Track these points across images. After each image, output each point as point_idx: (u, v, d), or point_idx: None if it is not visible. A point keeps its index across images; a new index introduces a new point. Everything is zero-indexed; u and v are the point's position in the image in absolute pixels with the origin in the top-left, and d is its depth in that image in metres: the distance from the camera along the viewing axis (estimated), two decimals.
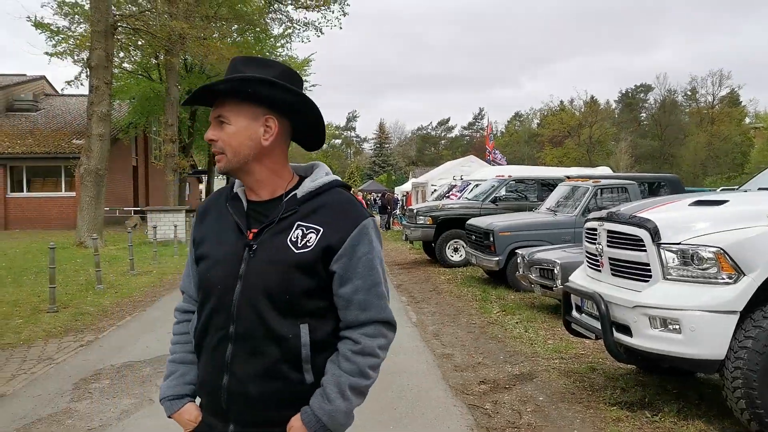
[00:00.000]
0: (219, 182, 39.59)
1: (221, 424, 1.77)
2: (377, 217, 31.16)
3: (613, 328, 4.80)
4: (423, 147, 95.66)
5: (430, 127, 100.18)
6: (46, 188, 27.59)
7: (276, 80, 1.73)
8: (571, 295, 5.65)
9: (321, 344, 1.74)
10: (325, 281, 1.73)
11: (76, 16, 24.73)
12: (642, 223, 4.69)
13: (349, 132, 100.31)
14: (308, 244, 1.70)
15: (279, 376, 1.70)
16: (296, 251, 1.70)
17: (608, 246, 5.12)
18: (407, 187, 37.98)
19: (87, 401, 5.32)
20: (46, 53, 25.18)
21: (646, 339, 4.46)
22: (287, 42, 30.73)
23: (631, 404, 5.07)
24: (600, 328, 4.91)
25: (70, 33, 24.86)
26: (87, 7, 23.71)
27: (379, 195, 34.83)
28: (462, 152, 73.50)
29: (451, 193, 19.09)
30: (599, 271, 5.32)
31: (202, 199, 28.85)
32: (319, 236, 1.71)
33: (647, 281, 4.61)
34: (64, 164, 26.66)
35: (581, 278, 5.63)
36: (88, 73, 18.47)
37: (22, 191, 27.35)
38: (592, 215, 5.77)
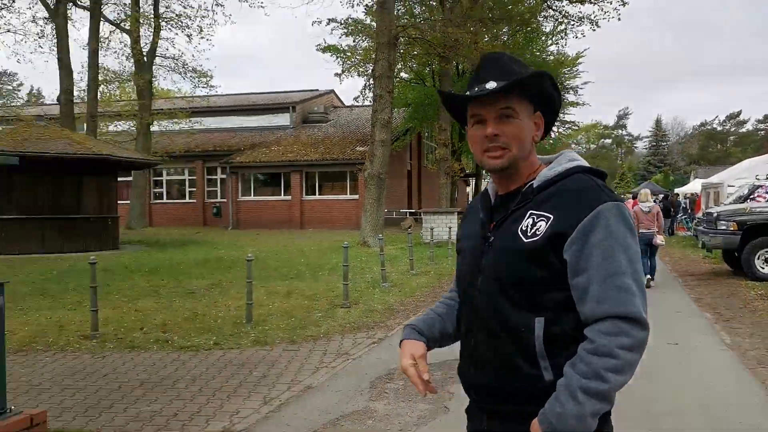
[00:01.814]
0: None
1: (478, 415, 1.81)
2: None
3: None
4: (707, 144, 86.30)
5: (716, 121, 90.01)
6: (334, 191, 30.28)
7: (552, 78, 1.80)
8: None
9: (560, 340, 1.65)
10: (560, 271, 1.64)
11: (360, 35, 26.70)
12: None
13: (619, 130, 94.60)
14: (537, 232, 1.66)
15: (515, 371, 1.68)
16: (525, 240, 1.67)
17: None
18: (692, 187, 34.32)
19: (384, 402, 5.35)
20: (336, 74, 27.86)
21: None
22: (560, 38, 29.70)
23: None
24: None
25: (354, 51, 27.01)
26: (368, 21, 25.48)
27: (661, 197, 31.95)
28: (754, 149, 64.65)
29: (756, 194, 16.57)
30: None
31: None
32: (548, 224, 1.65)
33: None
34: (349, 169, 29.02)
35: None
36: (372, 84, 19.69)
37: (315, 194, 30.36)
38: None
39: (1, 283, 3.80)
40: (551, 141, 36.51)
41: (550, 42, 31.46)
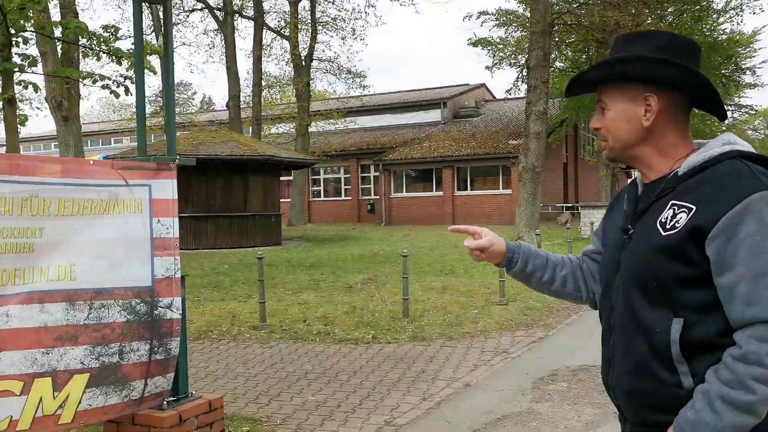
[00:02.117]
0: None
1: (622, 421, 1.72)
2: None
3: None
4: None
5: None
6: (486, 186, 29.91)
7: (649, 56, 1.61)
8: None
9: (703, 344, 1.49)
10: (703, 269, 1.48)
11: (512, 25, 26.10)
12: None
13: None
14: (676, 225, 1.51)
15: (649, 374, 1.55)
16: (663, 233, 1.54)
17: None
18: None
19: (548, 404, 5.12)
20: (487, 67, 27.54)
21: None
22: (735, 15, 27.16)
23: None
24: None
25: (506, 42, 26.46)
26: (521, 11, 24.81)
27: None
28: None
29: None
30: None
31: None
32: (689, 215, 1.50)
33: None
34: (502, 164, 28.54)
35: None
36: (525, 75, 19.17)
37: (466, 189, 30.18)
38: None
39: (182, 276, 4.06)
40: (723, 127, 33.53)
41: (722, 20, 28.85)
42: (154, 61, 11.31)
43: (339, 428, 4.70)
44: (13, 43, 10.84)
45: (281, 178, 23.50)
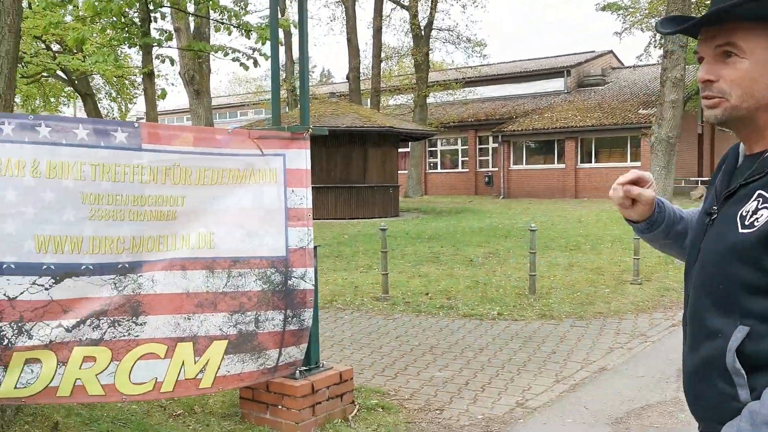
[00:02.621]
0: None
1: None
2: None
3: None
4: None
5: None
6: (612, 159, 28.47)
7: None
8: None
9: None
10: None
11: None
12: None
13: None
14: (755, 222, 1.26)
15: (706, 380, 1.37)
16: (740, 230, 1.28)
17: None
18: None
19: None
20: (616, 32, 26.04)
21: None
22: None
23: None
24: None
25: (637, 5, 24.81)
26: None
27: None
28: None
29: None
30: None
31: None
32: None
33: None
34: (630, 134, 27.02)
35: None
36: (659, 40, 17.86)
37: (590, 162, 28.87)
38: None
39: (315, 246, 4.03)
40: None
41: None
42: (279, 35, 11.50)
43: (468, 407, 4.56)
44: (152, 18, 11.39)
45: (399, 150, 23.49)
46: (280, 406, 3.97)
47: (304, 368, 4.09)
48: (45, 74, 21.47)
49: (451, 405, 4.60)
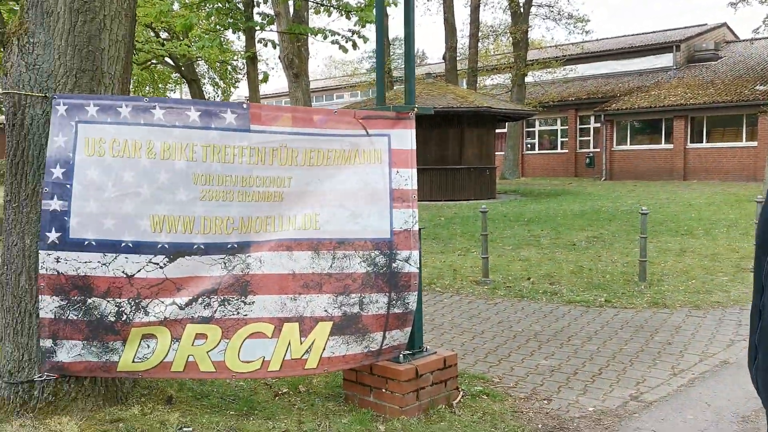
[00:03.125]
0: None
1: None
2: None
3: None
4: None
5: None
6: (725, 138, 26.69)
7: None
8: None
9: None
10: None
11: None
12: None
13: None
14: None
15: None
16: None
17: None
18: None
19: None
20: (730, 3, 24.42)
21: None
22: None
23: None
24: None
25: None
26: None
27: None
28: None
29: None
30: None
31: None
32: None
33: None
34: (746, 112, 25.23)
35: None
36: None
37: (701, 142, 27.21)
38: None
39: (419, 228, 3.95)
40: None
41: None
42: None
43: (578, 398, 4.36)
44: (254, 3, 11.63)
45: (496, 131, 23.01)
46: (383, 390, 3.93)
47: (408, 352, 4.02)
48: (154, 61, 22.51)
49: (559, 395, 4.41)
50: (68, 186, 3.46)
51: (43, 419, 3.56)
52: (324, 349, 3.75)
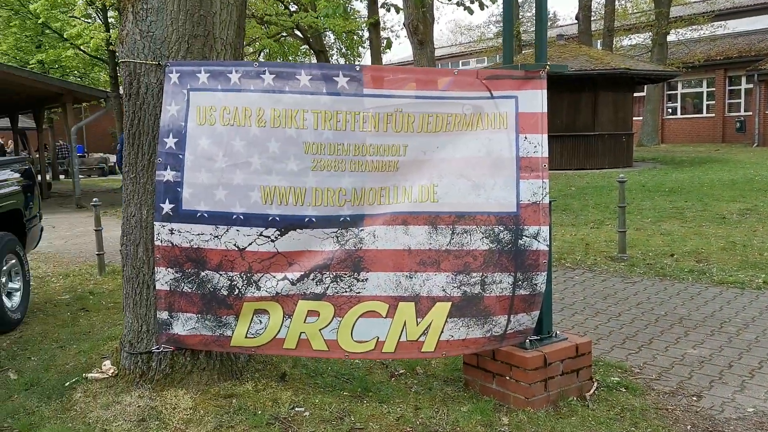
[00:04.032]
0: None
1: None
2: None
3: None
4: None
5: None
6: None
7: None
8: None
9: None
10: None
11: None
12: None
13: None
14: None
15: None
16: None
17: None
18: None
19: None
20: None
21: None
22: None
23: None
24: None
25: None
26: None
27: None
28: None
29: None
30: None
31: None
32: None
33: None
34: None
35: None
36: None
37: None
38: None
39: (550, 200, 3.53)
40: None
41: None
42: None
43: (734, 395, 3.79)
44: None
45: (633, 95, 21.45)
46: (507, 378, 3.59)
47: (536, 337, 3.65)
48: (284, 34, 22.94)
49: (711, 391, 3.86)
50: (180, 156, 3.37)
51: (160, 391, 3.56)
52: (442, 331, 3.46)
